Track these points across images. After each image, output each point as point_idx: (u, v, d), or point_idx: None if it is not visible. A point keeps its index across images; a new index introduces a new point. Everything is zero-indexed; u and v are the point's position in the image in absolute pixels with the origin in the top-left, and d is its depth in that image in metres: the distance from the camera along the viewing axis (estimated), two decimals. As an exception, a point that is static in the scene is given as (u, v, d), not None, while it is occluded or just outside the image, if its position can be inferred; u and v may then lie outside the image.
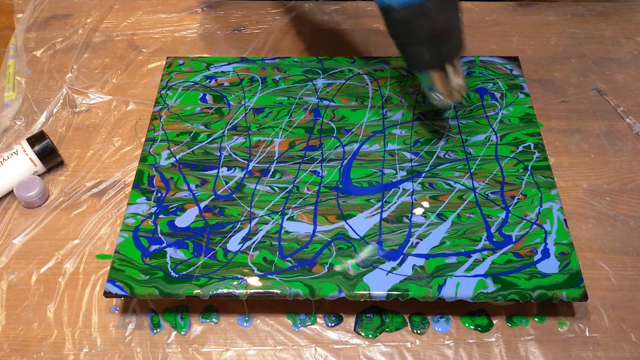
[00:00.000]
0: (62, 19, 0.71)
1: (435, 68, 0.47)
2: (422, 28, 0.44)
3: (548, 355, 0.44)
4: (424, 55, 0.46)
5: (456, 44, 0.46)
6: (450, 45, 0.45)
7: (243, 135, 0.54)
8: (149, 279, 0.44)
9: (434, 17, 0.43)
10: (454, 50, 0.46)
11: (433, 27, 0.44)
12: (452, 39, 0.45)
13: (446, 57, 0.46)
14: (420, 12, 0.43)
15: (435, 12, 0.43)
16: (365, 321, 0.46)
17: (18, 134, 0.59)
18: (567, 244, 0.45)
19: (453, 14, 0.44)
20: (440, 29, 0.44)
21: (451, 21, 0.44)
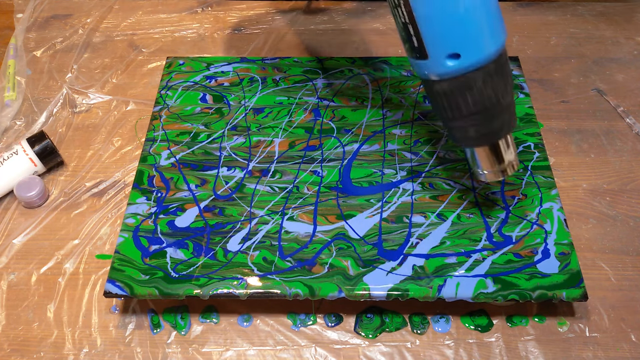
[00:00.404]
0: (62, 19, 0.71)
1: (483, 145, 0.42)
2: (467, 102, 0.38)
3: (548, 355, 0.44)
4: (470, 131, 0.40)
5: (508, 118, 0.40)
6: (501, 120, 0.40)
7: (243, 135, 0.54)
8: (149, 279, 0.44)
9: (482, 90, 0.38)
10: (506, 126, 0.40)
11: (481, 102, 0.38)
12: (503, 114, 0.40)
13: (496, 134, 0.40)
14: (464, 85, 0.38)
15: (483, 84, 0.37)
16: (365, 321, 0.46)
17: (18, 134, 0.59)
18: (567, 244, 0.45)
19: (504, 85, 0.38)
20: (489, 103, 0.38)
21: (502, 93, 0.38)
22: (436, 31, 0.36)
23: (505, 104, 0.39)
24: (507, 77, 0.39)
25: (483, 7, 0.36)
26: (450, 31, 0.36)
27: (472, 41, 0.36)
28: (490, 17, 0.37)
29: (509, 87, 0.39)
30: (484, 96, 0.38)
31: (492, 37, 0.37)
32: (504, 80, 0.38)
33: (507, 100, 0.39)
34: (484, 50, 0.37)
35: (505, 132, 0.41)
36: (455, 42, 0.36)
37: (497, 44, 0.37)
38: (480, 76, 0.37)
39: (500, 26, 0.38)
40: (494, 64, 0.37)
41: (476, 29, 0.36)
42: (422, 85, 0.57)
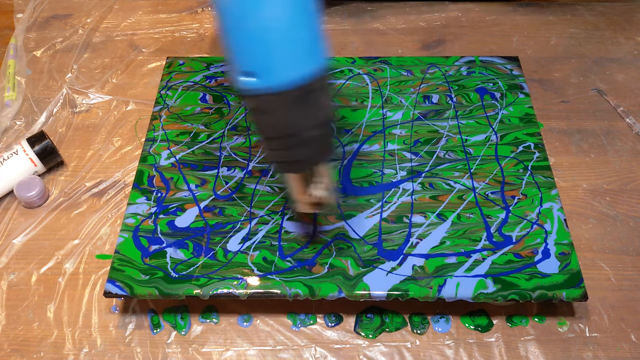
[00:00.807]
0: (62, 19, 0.71)
1: (285, 172, 0.39)
2: (266, 125, 0.36)
3: (548, 355, 0.44)
4: (275, 155, 0.37)
5: (313, 152, 0.37)
6: (303, 153, 0.37)
7: (243, 135, 0.54)
8: (149, 279, 0.44)
9: (280, 117, 0.35)
10: (310, 160, 0.38)
11: (278, 128, 0.36)
12: (306, 147, 0.36)
13: (299, 165, 0.38)
14: (260, 108, 0.35)
15: (281, 111, 0.35)
16: (365, 321, 0.46)
17: (18, 134, 0.59)
18: (568, 244, 0.45)
19: (308, 117, 0.35)
20: (289, 131, 0.35)
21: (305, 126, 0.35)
22: (234, 45, 0.34)
23: (310, 136, 0.36)
24: (312, 110, 0.35)
25: (284, 32, 0.33)
26: (245, 48, 0.34)
27: (266, 64, 0.34)
28: (293, 45, 0.34)
29: (315, 120, 0.36)
30: (280, 123, 0.35)
31: (291, 64, 0.34)
32: (306, 112, 0.35)
33: (312, 133, 0.36)
34: (280, 76, 0.34)
35: (309, 166, 0.38)
36: (249, 60, 0.34)
37: (298, 73, 0.34)
38: (275, 102, 0.34)
39: (304, 56, 0.34)
40: (293, 93, 0.34)
41: (272, 53, 0.33)
42: (422, 85, 0.57)
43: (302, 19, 0.34)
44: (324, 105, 0.36)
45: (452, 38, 0.67)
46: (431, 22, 0.69)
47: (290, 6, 0.33)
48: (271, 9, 0.33)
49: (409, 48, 0.66)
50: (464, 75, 0.58)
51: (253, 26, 0.33)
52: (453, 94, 0.57)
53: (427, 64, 0.59)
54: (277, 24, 0.33)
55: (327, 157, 0.38)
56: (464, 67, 0.59)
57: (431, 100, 0.56)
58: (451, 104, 0.56)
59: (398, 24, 0.69)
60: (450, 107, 0.56)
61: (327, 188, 0.39)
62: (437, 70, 0.59)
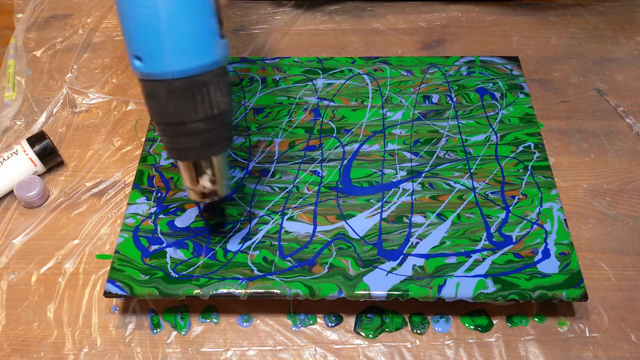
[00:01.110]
0: (62, 19, 0.71)
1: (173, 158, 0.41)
2: (154, 110, 0.37)
3: (548, 355, 0.44)
4: (163, 140, 0.39)
5: (200, 143, 0.38)
6: (187, 143, 0.38)
7: (243, 135, 0.54)
8: (149, 279, 0.44)
9: (164, 104, 0.36)
10: (194, 151, 0.39)
11: (163, 115, 0.37)
12: (190, 137, 0.38)
13: (183, 153, 0.39)
14: (149, 92, 0.37)
15: (165, 98, 0.36)
16: (365, 321, 0.46)
17: (18, 134, 0.59)
18: (568, 244, 0.45)
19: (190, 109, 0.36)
20: (172, 119, 0.37)
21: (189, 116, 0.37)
22: (124, 27, 0.35)
23: (195, 129, 0.37)
24: (200, 103, 0.36)
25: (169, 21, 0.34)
26: (133, 32, 0.35)
27: (152, 50, 0.35)
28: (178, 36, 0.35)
29: (200, 114, 0.37)
30: (167, 110, 0.36)
31: (178, 55, 0.35)
32: (194, 104, 0.36)
33: (197, 126, 0.37)
34: (166, 64, 0.35)
35: (194, 157, 0.39)
36: (136, 44, 0.35)
37: (185, 64, 0.35)
38: (162, 89, 0.36)
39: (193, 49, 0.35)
40: (179, 83, 0.35)
41: (157, 40, 0.34)
42: (422, 85, 0.57)
43: (189, 12, 0.35)
44: (215, 100, 0.37)
45: (452, 38, 0.67)
46: (431, 22, 0.69)
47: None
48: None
49: (409, 48, 0.66)
50: (464, 75, 0.58)
51: (139, 12, 0.34)
52: (453, 94, 0.57)
53: (427, 64, 0.59)
54: (162, 12, 0.34)
55: (216, 151, 0.39)
56: (464, 67, 0.59)
57: (431, 100, 0.56)
58: (451, 104, 0.56)
59: (398, 24, 0.69)
60: (450, 107, 0.56)
61: (214, 180, 0.40)
62: (437, 70, 0.59)
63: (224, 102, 0.38)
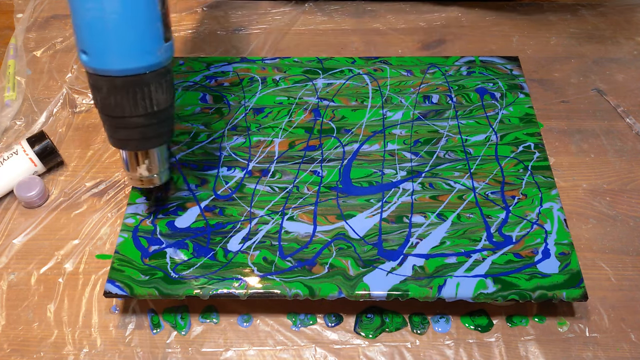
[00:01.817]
0: (62, 19, 0.71)
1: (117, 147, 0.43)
2: (97, 101, 0.40)
3: (548, 355, 0.44)
4: (105, 128, 0.42)
5: (139, 136, 0.41)
6: (126, 134, 0.41)
7: (243, 135, 0.54)
8: (149, 280, 0.44)
9: (105, 98, 0.39)
10: (132, 143, 0.42)
11: (105, 107, 0.40)
12: (128, 129, 0.40)
13: (123, 144, 0.42)
14: (93, 85, 0.39)
15: (107, 93, 0.38)
16: (365, 321, 0.46)
17: (18, 134, 0.59)
18: (568, 244, 0.45)
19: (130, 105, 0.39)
20: (113, 113, 0.40)
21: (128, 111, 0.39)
22: (74, 21, 0.37)
23: (134, 123, 0.40)
24: (141, 100, 0.39)
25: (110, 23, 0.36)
26: (78, 27, 0.37)
27: (96, 47, 0.37)
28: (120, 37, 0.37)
29: (140, 110, 0.39)
30: (108, 103, 0.39)
31: (121, 54, 0.37)
32: (134, 100, 0.39)
33: (136, 121, 0.40)
34: (109, 62, 0.37)
35: (133, 148, 0.42)
36: (83, 40, 0.37)
37: (127, 64, 0.38)
38: (104, 84, 0.38)
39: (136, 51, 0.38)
40: (121, 80, 0.38)
41: (100, 39, 0.37)
42: (422, 85, 0.57)
43: (134, 17, 0.37)
44: (155, 98, 0.40)
45: (452, 38, 0.67)
46: (431, 22, 0.69)
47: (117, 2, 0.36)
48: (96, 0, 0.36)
49: (409, 48, 0.66)
50: (464, 75, 0.58)
51: (86, 13, 0.36)
52: (453, 94, 0.57)
53: (427, 64, 0.59)
54: (108, 16, 0.36)
55: (154, 144, 0.42)
56: (464, 67, 0.59)
57: (431, 100, 0.56)
58: (451, 104, 0.56)
59: (398, 24, 0.69)
60: (450, 107, 0.56)
61: (150, 170, 0.44)
62: (437, 70, 0.59)
63: (165, 100, 0.40)
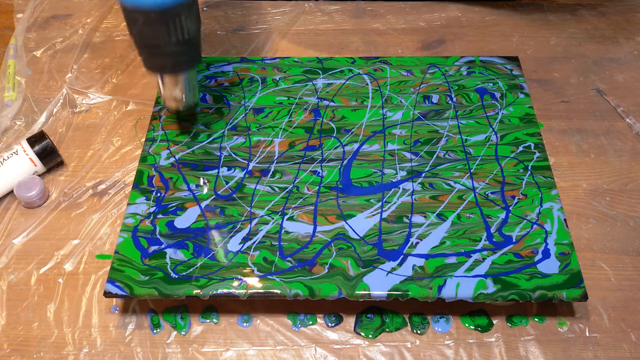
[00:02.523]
0: (62, 19, 0.71)
1: (151, 72, 0.49)
2: (133, 33, 0.46)
3: (548, 355, 0.44)
4: (142, 57, 0.48)
5: (173, 62, 0.47)
6: (162, 61, 0.47)
7: (243, 135, 0.54)
8: (149, 280, 0.44)
9: (142, 29, 0.44)
10: (169, 67, 0.48)
11: (142, 38, 0.46)
12: (164, 57, 0.47)
13: (159, 69, 0.48)
14: (129, 18, 0.44)
15: (142, 25, 0.44)
16: (365, 321, 0.46)
17: (18, 134, 0.59)
18: (568, 244, 0.45)
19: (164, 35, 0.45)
20: (149, 42, 0.46)
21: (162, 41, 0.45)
22: None
23: (169, 50, 0.46)
24: (173, 29, 0.44)
25: None
26: None
27: None
28: None
29: (172, 38, 0.45)
30: (145, 34, 0.45)
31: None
32: (167, 30, 0.44)
33: (170, 48, 0.46)
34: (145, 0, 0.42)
35: (169, 72, 0.48)
36: None
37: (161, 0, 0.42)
38: (140, 17, 0.43)
39: None
40: (155, 14, 0.43)
41: None
42: (422, 85, 0.57)
43: None
44: (186, 27, 0.45)
45: (452, 38, 0.67)
46: (431, 22, 0.69)
47: None
48: None
49: (409, 48, 0.66)
50: (464, 75, 0.58)
51: None
52: (453, 94, 0.57)
53: (427, 64, 0.59)
54: None
55: (186, 67, 0.49)
56: (464, 67, 0.59)
57: (431, 100, 0.56)
58: (451, 104, 0.56)
59: (398, 24, 0.69)
60: (450, 107, 0.56)
61: (183, 91, 0.50)
62: (437, 70, 0.59)
63: (194, 28, 0.46)
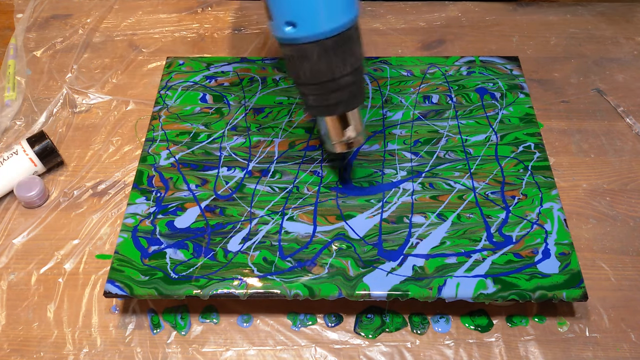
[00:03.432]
0: (62, 19, 0.71)
1: (320, 115, 0.44)
2: (304, 71, 0.41)
3: (548, 355, 0.44)
4: (310, 99, 0.43)
5: (347, 97, 0.42)
6: (337, 97, 0.42)
7: (243, 135, 0.54)
8: (149, 280, 0.44)
9: (317, 63, 0.40)
10: (343, 104, 0.42)
11: (315, 74, 0.40)
12: (340, 91, 0.42)
13: (332, 108, 0.43)
14: (301, 55, 0.40)
15: (317, 58, 0.39)
16: (365, 321, 0.46)
17: (18, 134, 0.59)
18: (568, 244, 0.45)
19: (342, 64, 0.40)
20: (324, 77, 0.40)
21: (339, 71, 0.40)
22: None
23: (344, 83, 0.41)
24: (348, 56, 0.40)
25: None
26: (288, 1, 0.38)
27: (307, 14, 0.38)
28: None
29: (348, 67, 0.40)
30: (319, 69, 0.40)
31: (330, 14, 0.38)
32: (343, 59, 0.40)
33: (345, 80, 0.41)
34: (320, 25, 0.38)
35: (343, 110, 0.43)
36: (291, 11, 0.38)
37: (336, 22, 0.38)
38: (315, 49, 0.39)
39: (342, 7, 0.39)
40: (331, 41, 0.39)
41: (312, 3, 0.38)
42: (422, 85, 0.57)
43: None
44: (357, 53, 0.41)
45: (452, 38, 0.67)
46: (431, 22, 0.69)
47: None
48: None
49: (409, 48, 0.66)
50: (464, 75, 0.58)
51: None
52: (453, 94, 0.57)
53: (427, 64, 0.59)
54: None
55: (360, 101, 0.43)
56: (464, 67, 0.59)
57: (431, 100, 0.56)
58: (451, 104, 0.56)
59: (398, 24, 0.69)
60: (450, 107, 0.56)
61: (357, 129, 0.45)
62: (437, 70, 0.59)
63: (362, 54, 0.42)
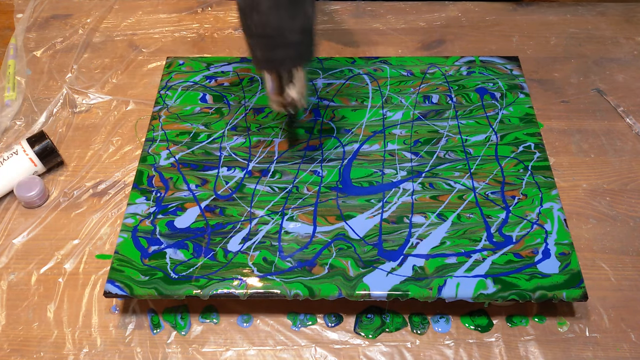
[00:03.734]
0: (62, 19, 0.71)
1: (266, 70, 0.44)
2: (254, 22, 0.41)
3: (548, 355, 0.44)
4: (257, 52, 0.43)
5: (294, 54, 0.43)
6: (284, 52, 0.42)
7: (243, 135, 0.54)
8: (149, 280, 0.44)
9: (267, 16, 0.40)
10: (289, 60, 0.43)
11: (264, 26, 0.41)
12: (288, 48, 0.42)
13: (278, 63, 0.43)
14: (252, 5, 0.41)
15: (268, 10, 0.40)
16: (365, 321, 0.46)
17: (18, 134, 0.59)
18: (568, 244, 0.45)
19: (291, 20, 0.41)
20: (272, 31, 0.41)
21: (288, 28, 0.41)
22: None
23: (292, 40, 0.41)
24: (298, 14, 0.41)
25: None
26: None
27: None
28: None
29: (298, 25, 0.41)
30: (268, 22, 0.41)
31: None
32: (292, 16, 0.41)
33: (294, 37, 0.41)
34: None
35: (289, 66, 0.43)
36: None
37: None
38: (265, 2, 0.40)
39: None
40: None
41: None
42: (422, 85, 0.57)
43: None
44: (308, 13, 0.41)
45: (452, 38, 0.67)
46: (431, 22, 0.69)
47: None
48: None
49: (409, 48, 0.66)
50: (464, 75, 0.58)
51: None
52: (453, 94, 0.57)
53: (427, 64, 0.59)
54: None
55: (305, 61, 0.44)
56: (464, 67, 0.59)
57: (431, 100, 0.56)
58: (451, 104, 0.56)
59: (398, 24, 0.69)
60: (450, 107, 0.56)
61: (300, 92, 0.45)
62: (437, 70, 0.59)
63: (314, 15, 0.42)
